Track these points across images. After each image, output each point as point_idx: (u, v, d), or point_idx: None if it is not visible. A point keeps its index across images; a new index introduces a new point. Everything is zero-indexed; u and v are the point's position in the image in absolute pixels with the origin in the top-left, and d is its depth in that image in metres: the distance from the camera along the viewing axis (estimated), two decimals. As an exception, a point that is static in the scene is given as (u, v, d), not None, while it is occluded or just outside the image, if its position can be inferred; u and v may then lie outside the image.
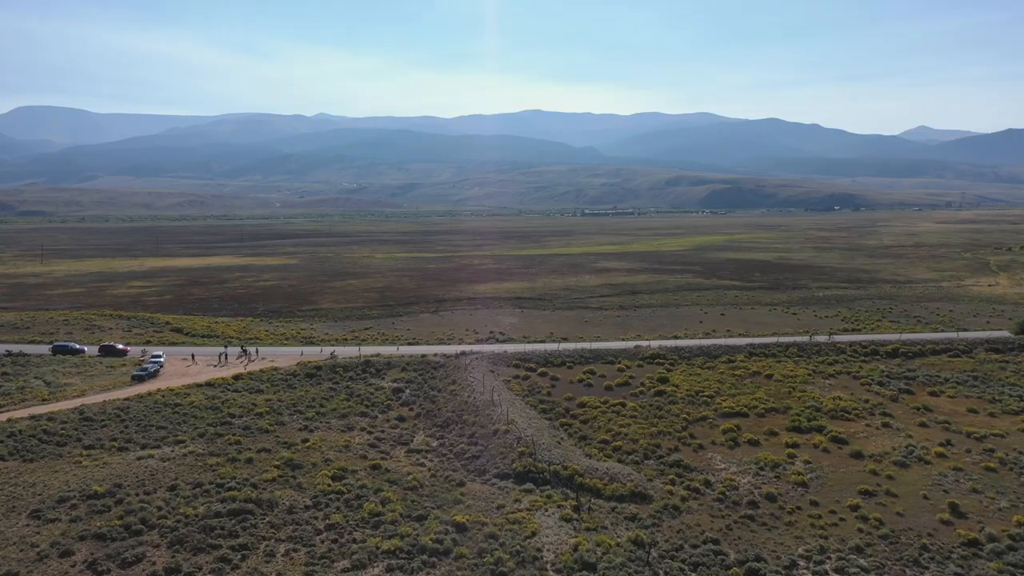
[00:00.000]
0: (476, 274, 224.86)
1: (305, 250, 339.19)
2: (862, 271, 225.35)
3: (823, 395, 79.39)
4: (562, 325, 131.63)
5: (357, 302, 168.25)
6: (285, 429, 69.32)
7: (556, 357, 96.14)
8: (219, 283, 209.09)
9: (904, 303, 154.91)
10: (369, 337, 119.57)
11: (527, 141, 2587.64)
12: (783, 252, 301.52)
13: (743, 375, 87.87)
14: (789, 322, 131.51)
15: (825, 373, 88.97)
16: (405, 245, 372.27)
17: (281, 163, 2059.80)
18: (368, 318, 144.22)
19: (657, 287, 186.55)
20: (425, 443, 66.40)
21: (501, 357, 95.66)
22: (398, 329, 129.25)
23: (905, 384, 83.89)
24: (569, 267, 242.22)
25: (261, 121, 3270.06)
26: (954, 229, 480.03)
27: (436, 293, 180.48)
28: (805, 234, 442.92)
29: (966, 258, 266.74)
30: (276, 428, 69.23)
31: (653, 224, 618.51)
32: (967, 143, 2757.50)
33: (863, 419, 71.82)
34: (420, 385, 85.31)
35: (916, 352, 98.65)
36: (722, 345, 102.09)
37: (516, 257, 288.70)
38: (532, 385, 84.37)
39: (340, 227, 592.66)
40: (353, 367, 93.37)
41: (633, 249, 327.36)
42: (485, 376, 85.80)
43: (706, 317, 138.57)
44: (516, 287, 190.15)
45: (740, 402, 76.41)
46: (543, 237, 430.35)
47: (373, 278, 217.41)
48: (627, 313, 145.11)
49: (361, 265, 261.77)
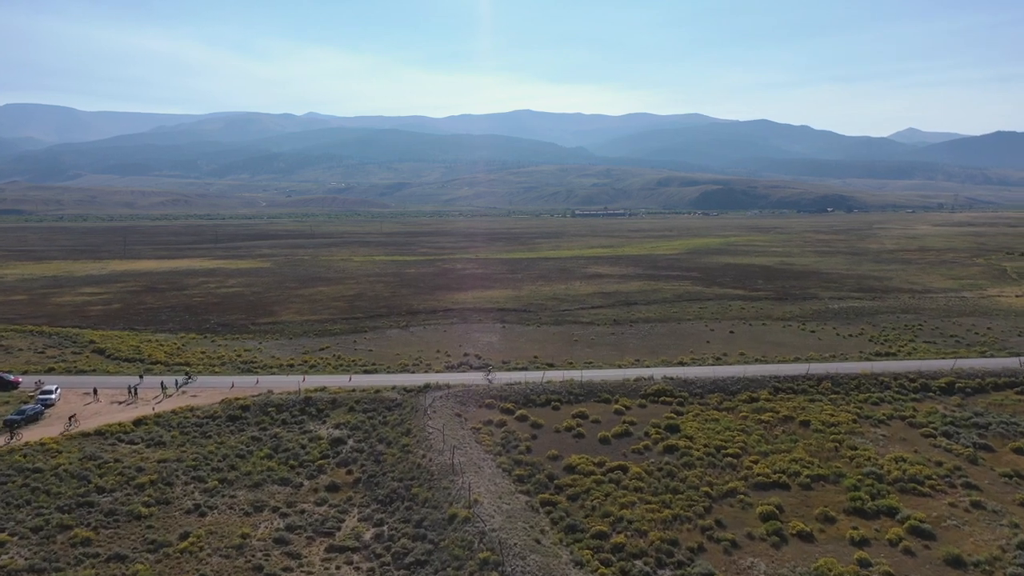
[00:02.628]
0: (457, 280, 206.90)
1: (282, 252, 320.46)
2: (873, 278, 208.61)
3: (880, 453, 61.97)
4: (548, 345, 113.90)
5: (322, 313, 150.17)
6: (168, 511, 51.36)
7: (539, 393, 78.41)
8: (178, 290, 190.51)
9: (931, 318, 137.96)
10: (322, 361, 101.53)
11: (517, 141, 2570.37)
12: (783, 257, 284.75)
13: (772, 421, 70.31)
14: (810, 343, 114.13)
15: (873, 418, 71.52)
16: (387, 247, 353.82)
17: (269, 162, 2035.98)
18: (328, 334, 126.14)
19: (654, 296, 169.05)
20: (356, 534, 48.60)
21: (472, 394, 77.81)
22: (358, 350, 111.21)
23: (978, 436, 66.57)
24: (558, 272, 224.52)
25: (250, 120, 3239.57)
26: (954, 232, 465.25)
27: (410, 303, 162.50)
28: (803, 237, 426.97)
29: (979, 264, 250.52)
30: (155, 510, 51.28)
31: (645, 225, 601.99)
32: (956, 145, 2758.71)
33: (943, 493, 54.42)
34: (367, 435, 67.47)
35: (976, 388, 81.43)
36: (739, 377, 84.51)
37: (502, 261, 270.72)
38: (508, 436, 66.52)
39: (323, 228, 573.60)
40: (290, 406, 75.53)
41: (625, 252, 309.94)
42: (449, 423, 68.01)
43: (713, 335, 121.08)
44: (499, 296, 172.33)
45: (776, 465, 58.88)
46: (532, 239, 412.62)
47: (346, 284, 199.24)
48: (622, 329, 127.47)
49: (337, 269, 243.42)
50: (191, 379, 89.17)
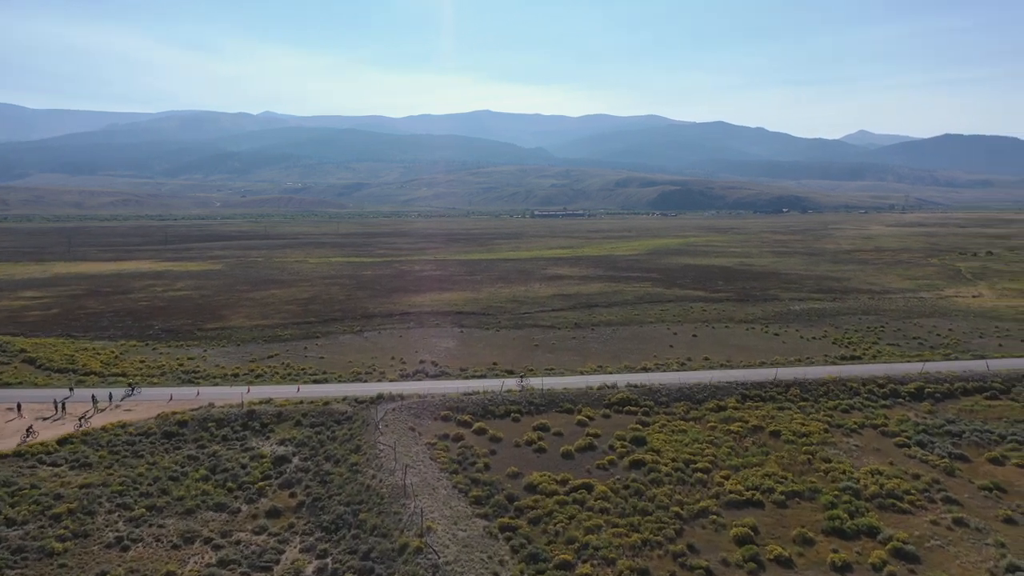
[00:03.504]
0: (415, 282, 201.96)
1: (234, 254, 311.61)
2: (832, 279, 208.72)
3: (854, 466, 59.22)
4: (508, 350, 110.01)
5: (273, 318, 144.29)
6: (86, 546, 46.26)
7: (499, 404, 74.44)
8: (123, 293, 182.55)
9: (892, 319, 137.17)
10: (269, 370, 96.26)
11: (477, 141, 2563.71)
12: (742, 257, 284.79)
13: (741, 432, 67.27)
14: (774, 346, 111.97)
15: (845, 427, 68.90)
16: (343, 248, 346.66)
17: (224, 161, 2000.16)
18: (279, 340, 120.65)
19: (615, 298, 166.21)
20: (296, 569, 44.03)
21: (427, 405, 73.51)
22: (309, 357, 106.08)
23: (953, 445, 64.30)
24: (518, 274, 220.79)
25: (205, 119, 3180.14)
26: (907, 232, 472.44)
27: (366, 306, 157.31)
28: (760, 237, 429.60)
29: (934, 264, 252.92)
30: (71, 545, 46.12)
31: (604, 226, 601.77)
32: (905, 147, 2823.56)
33: (923, 510, 51.69)
34: (314, 452, 62.84)
35: (945, 393, 79.53)
36: (705, 384, 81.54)
37: (461, 262, 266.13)
38: (464, 452, 62.38)
39: (278, 228, 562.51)
40: (231, 420, 70.51)
41: (585, 253, 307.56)
42: (402, 439, 63.70)
43: (676, 339, 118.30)
44: (458, 298, 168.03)
45: (748, 480, 55.70)
46: (491, 240, 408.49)
47: (300, 287, 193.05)
48: (584, 333, 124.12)
49: (291, 271, 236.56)
50: (134, 391, 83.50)
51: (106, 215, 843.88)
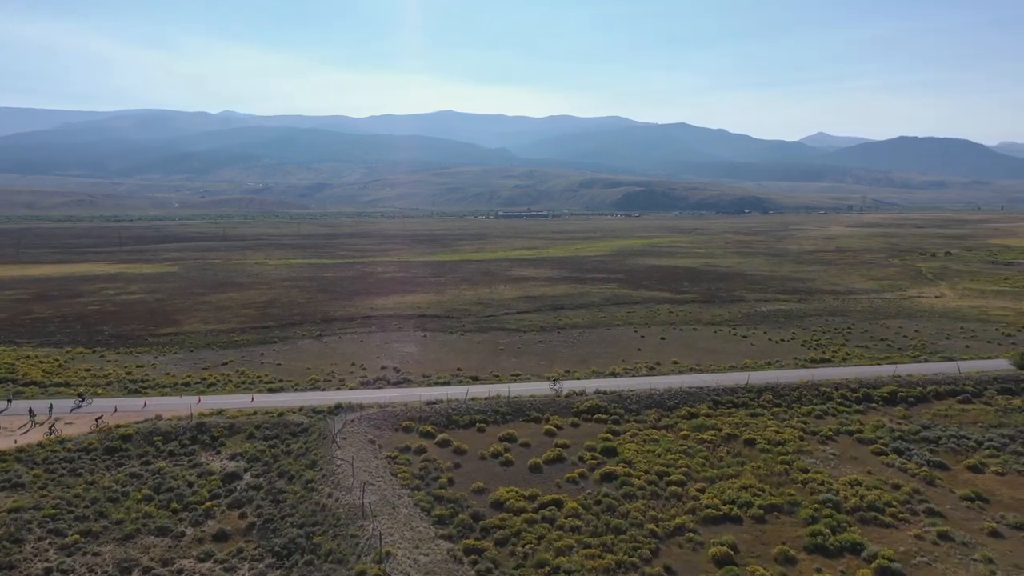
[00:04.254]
0: (378, 284, 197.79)
1: (192, 255, 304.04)
2: (796, 279, 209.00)
3: (833, 476, 57.16)
4: (472, 355, 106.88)
5: (230, 322, 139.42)
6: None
7: (463, 413, 71.31)
8: (72, 297, 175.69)
9: (859, 320, 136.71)
10: (222, 378, 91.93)
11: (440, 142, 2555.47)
12: (707, 258, 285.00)
13: (714, 440, 64.95)
14: (743, 348, 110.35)
15: (820, 434, 66.97)
16: (304, 250, 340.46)
17: (183, 161, 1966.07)
18: (234, 346, 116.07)
19: (581, 300, 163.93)
20: (243, 601, 40.57)
21: (388, 416, 70.07)
22: (265, 364, 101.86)
23: (930, 452, 62.67)
24: (482, 275, 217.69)
25: (162, 117, 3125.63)
26: (867, 233, 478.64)
27: (327, 309, 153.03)
28: (723, 237, 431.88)
29: (896, 265, 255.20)
30: (-7, 578, 42.14)
31: (568, 227, 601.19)
32: (863, 149, 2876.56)
33: (907, 523, 49.67)
34: (266, 468, 59.13)
35: (918, 397, 78.18)
36: (676, 389, 79.27)
37: (425, 264, 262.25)
38: (427, 466, 59.12)
39: (238, 230, 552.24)
40: (179, 434, 66.44)
41: (550, 254, 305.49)
42: (360, 452, 60.29)
43: (643, 342, 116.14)
44: (422, 301, 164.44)
45: (725, 494, 53.28)
46: (455, 241, 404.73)
47: (259, 289, 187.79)
48: (550, 337, 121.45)
49: (249, 273, 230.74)
50: (85, 402, 78.79)
51: (59, 216, 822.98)
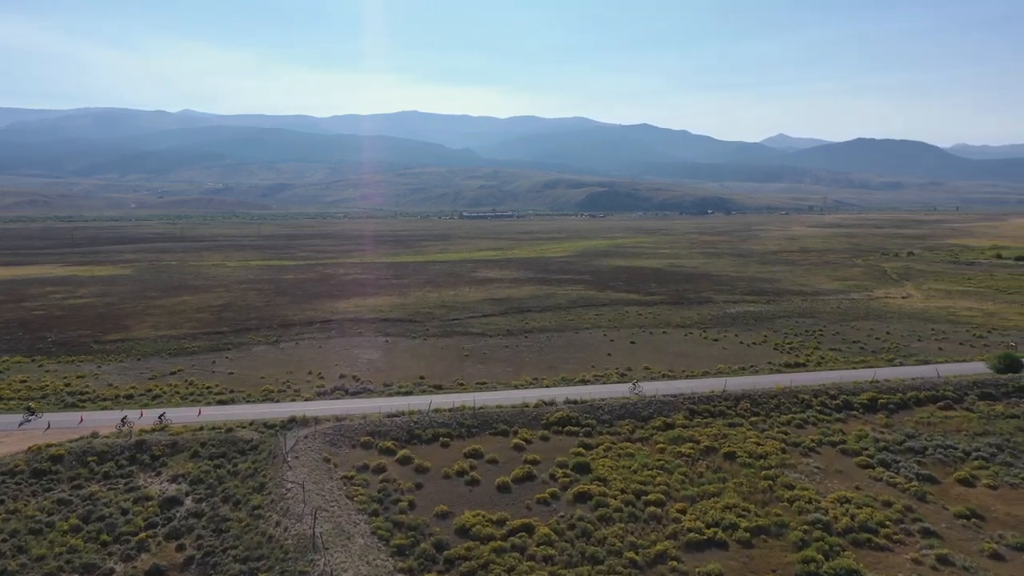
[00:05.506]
0: (339, 287, 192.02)
1: (147, 257, 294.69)
2: (763, 280, 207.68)
3: (820, 493, 53.80)
4: (436, 361, 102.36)
5: (182, 327, 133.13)
6: (-97, 632, 36.99)
7: (426, 427, 66.81)
8: (17, 302, 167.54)
9: (829, 322, 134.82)
10: (169, 389, 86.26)
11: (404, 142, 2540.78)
12: (672, 259, 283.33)
13: (693, 454, 61.29)
14: (715, 353, 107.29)
15: (802, 446, 63.71)
16: (264, 251, 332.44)
17: (141, 161, 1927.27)
18: (185, 353, 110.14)
19: (548, 303, 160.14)
20: (174, 652, 35.81)
21: (346, 431, 65.26)
22: (217, 373, 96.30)
23: (918, 464, 59.69)
24: (446, 277, 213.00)
25: (120, 116, 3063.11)
26: (829, 233, 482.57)
27: (285, 313, 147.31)
28: (688, 238, 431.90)
29: (860, 265, 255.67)
30: None
31: (533, 227, 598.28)
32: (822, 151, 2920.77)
33: (902, 545, 46.38)
34: (211, 490, 54.14)
35: (899, 404, 75.47)
36: (650, 398, 75.57)
37: (387, 265, 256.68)
38: (386, 487, 54.55)
39: (197, 230, 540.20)
40: (117, 453, 61.04)
41: (516, 255, 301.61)
42: (314, 473, 55.51)
43: (613, 347, 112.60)
44: (384, 304, 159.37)
45: (708, 515, 49.55)
46: (419, 241, 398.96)
47: (215, 292, 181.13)
48: (517, 341, 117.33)
49: (206, 276, 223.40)
50: (34, 416, 72.77)
51: (11, 216, 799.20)
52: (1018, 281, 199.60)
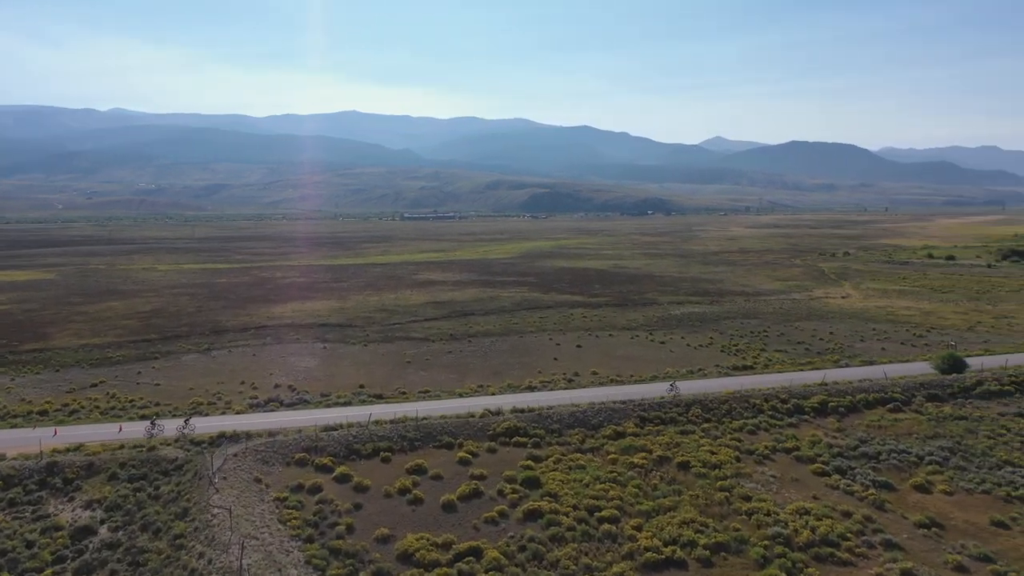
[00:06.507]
0: (276, 291, 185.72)
1: (72, 261, 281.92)
2: (705, 281, 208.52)
3: (778, 504, 51.91)
4: (377, 369, 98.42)
5: (107, 335, 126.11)
6: None
7: (366, 440, 62.99)
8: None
9: (773, 323, 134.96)
10: (88, 404, 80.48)
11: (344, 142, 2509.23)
12: (615, 260, 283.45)
13: (646, 465, 58.94)
14: (662, 356, 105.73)
15: (756, 453, 61.97)
16: (198, 254, 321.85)
17: (67, 161, 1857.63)
18: (108, 363, 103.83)
19: (491, 306, 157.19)
20: None
21: (279, 447, 61.05)
22: (142, 384, 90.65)
23: (874, 471, 58.44)
24: (387, 280, 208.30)
25: (44, 114, 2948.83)
26: (766, 234, 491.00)
27: (218, 319, 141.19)
28: (630, 239, 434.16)
29: (799, 265, 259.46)
30: None
31: (476, 228, 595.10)
32: (757, 153, 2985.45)
33: (865, 559, 44.63)
34: (129, 518, 49.57)
35: (848, 407, 74.59)
36: (599, 405, 73.04)
37: (327, 268, 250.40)
38: (322, 509, 50.69)
39: (127, 232, 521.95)
40: (25, 477, 55.89)
41: (458, 257, 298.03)
42: (243, 495, 51.35)
43: (559, 351, 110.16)
44: (322, 308, 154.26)
45: (665, 532, 47.10)
46: (359, 243, 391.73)
47: (144, 297, 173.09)
48: (460, 346, 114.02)
49: (135, 280, 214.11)
50: None
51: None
52: (950, 280, 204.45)
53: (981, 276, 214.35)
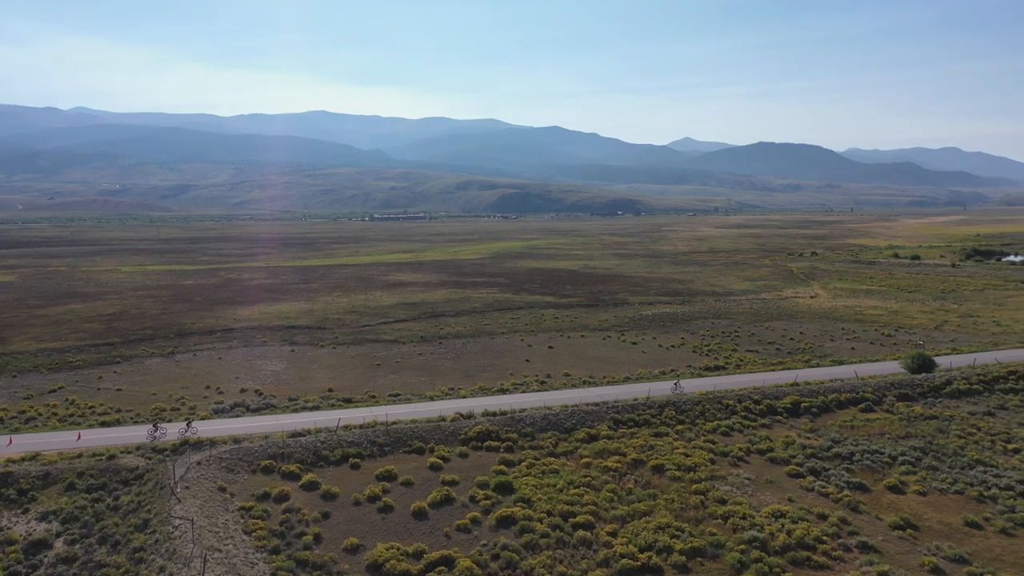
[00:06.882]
0: (242, 292, 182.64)
1: (32, 263, 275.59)
2: (676, 281, 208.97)
3: (753, 507, 51.40)
4: (346, 372, 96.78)
5: (68, 339, 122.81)
6: None
7: (334, 447, 61.46)
8: None
9: (744, 323, 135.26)
10: (46, 411, 77.80)
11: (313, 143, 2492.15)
12: (586, 260, 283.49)
13: (620, 469, 58.16)
14: (634, 357, 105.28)
15: (731, 455, 61.48)
16: (163, 255, 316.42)
17: (29, 160, 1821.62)
18: (68, 368, 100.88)
19: (462, 306, 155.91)
20: None
21: (245, 454, 59.35)
22: (103, 390, 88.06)
23: (848, 472, 58.20)
24: (357, 281, 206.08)
25: (4, 113, 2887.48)
26: (735, 234, 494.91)
27: (183, 321, 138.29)
28: (600, 239, 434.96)
29: (768, 265, 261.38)
30: None
31: (446, 229, 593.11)
32: (725, 154, 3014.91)
33: (841, 562, 44.19)
34: (86, 531, 47.64)
35: (821, 407, 74.50)
36: (572, 408, 72.15)
37: (295, 269, 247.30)
38: (289, 519, 49.15)
39: (90, 234, 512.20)
40: (-23, 488, 53.52)
41: (428, 258, 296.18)
42: (207, 505, 49.66)
43: (531, 352, 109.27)
44: (291, 310, 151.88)
45: (640, 537, 46.27)
46: (328, 244, 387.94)
47: (107, 300, 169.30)
48: (431, 348, 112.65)
49: (98, 282, 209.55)
50: None
51: None
52: (916, 280, 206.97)
53: (946, 276, 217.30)
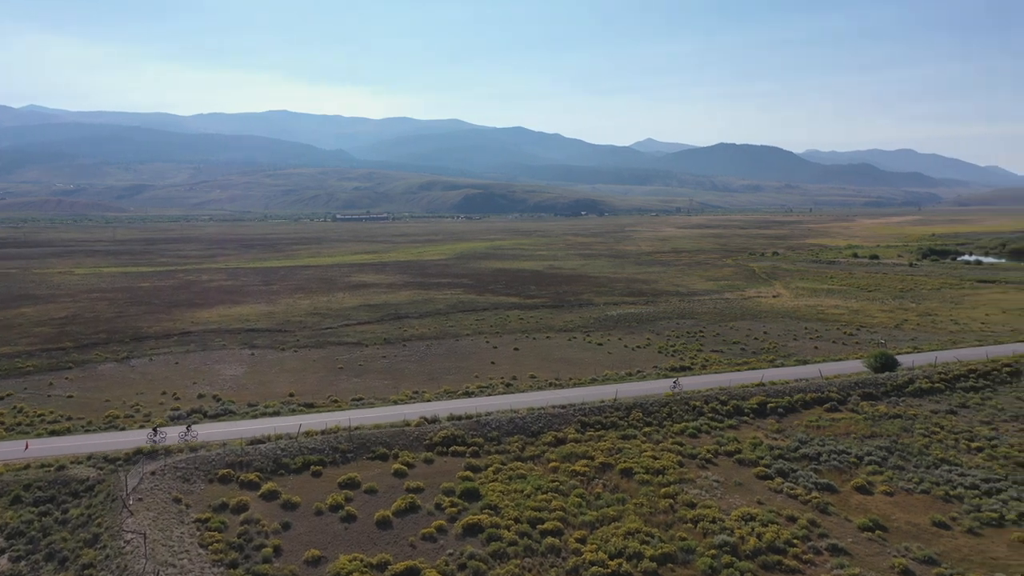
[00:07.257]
0: (201, 295, 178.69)
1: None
2: (640, 281, 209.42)
3: (723, 510, 50.84)
4: (308, 376, 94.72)
5: (17, 344, 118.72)
6: None
7: (295, 454, 59.67)
8: None
9: (708, 323, 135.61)
10: (-7, 419, 74.90)
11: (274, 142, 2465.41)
12: (550, 260, 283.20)
13: (588, 473, 57.25)
14: (600, 358, 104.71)
15: (699, 458, 60.95)
16: (119, 257, 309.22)
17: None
18: (17, 374, 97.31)
19: (426, 308, 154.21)
20: None
21: (201, 463, 57.29)
22: (54, 396, 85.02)
23: (815, 473, 58.01)
24: (319, 283, 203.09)
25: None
26: (697, 234, 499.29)
27: (139, 325, 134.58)
28: (564, 240, 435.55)
29: (730, 265, 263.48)
30: None
31: (410, 230, 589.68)
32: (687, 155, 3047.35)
33: (812, 565, 43.71)
34: (32, 547, 45.42)
35: (787, 407, 74.48)
36: (539, 410, 71.19)
37: (255, 271, 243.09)
38: (247, 531, 47.37)
39: (42, 235, 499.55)
40: (-84, 503, 50.84)
41: (392, 258, 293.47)
42: (161, 518, 47.67)
43: (496, 354, 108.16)
44: (251, 313, 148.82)
45: (610, 544, 45.36)
46: (290, 245, 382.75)
47: (60, 303, 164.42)
48: (395, 351, 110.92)
49: (50, 285, 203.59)
50: None
51: None
52: (875, 279, 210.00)
53: (904, 275, 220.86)
